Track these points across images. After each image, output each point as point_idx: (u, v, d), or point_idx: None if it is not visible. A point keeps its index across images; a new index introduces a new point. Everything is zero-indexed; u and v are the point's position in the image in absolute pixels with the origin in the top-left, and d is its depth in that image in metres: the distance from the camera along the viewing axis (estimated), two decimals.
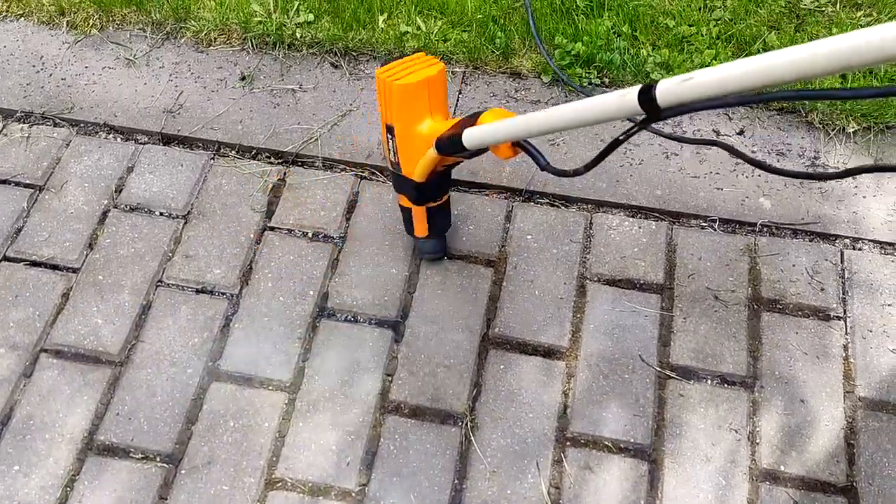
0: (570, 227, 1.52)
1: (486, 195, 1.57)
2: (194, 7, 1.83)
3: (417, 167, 1.26)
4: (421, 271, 1.47)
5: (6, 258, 1.49)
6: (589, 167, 0.96)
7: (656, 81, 0.76)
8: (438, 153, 1.18)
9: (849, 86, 1.64)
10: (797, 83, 1.52)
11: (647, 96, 0.77)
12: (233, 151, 1.64)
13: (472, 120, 1.10)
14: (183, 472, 1.27)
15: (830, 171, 1.55)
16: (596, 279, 1.46)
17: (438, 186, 1.36)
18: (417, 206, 1.37)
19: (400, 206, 1.42)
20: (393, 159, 1.31)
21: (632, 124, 0.88)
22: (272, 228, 1.53)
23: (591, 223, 1.53)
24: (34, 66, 1.77)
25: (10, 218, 1.53)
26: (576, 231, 1.51)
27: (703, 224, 1.53)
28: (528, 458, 1.28)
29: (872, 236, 1.49)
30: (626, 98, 0.80)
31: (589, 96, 1.62)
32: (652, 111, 0.77)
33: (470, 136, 1.08)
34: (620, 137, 0.88)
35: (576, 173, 0.99)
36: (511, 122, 1.02)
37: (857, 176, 1.56)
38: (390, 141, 1.28)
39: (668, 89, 0.75)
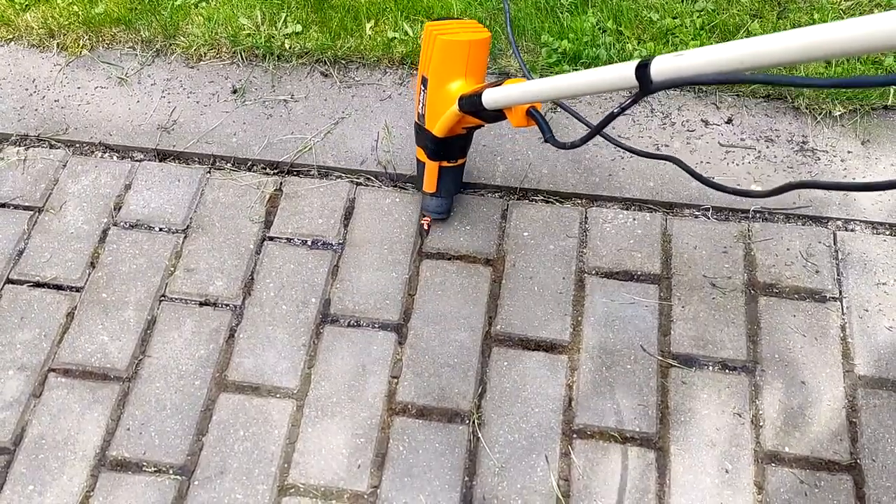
0: (566, 223, 1.54)
1: (481, 195, 1.59)
2: (183, 23, 1.84)
3: (439, 122, 1.33)
4: (421, 273, 1.49)
5: (9, 280, 1.50)
6: (585, 140, 1.02)
7: (653, 56, 0.81)
8: (460, 109, 1.24)
9: (833, 71, 1.67)
10: (784, 68, 1.54)
11: (643, 71, 0.81)
12: (228, 164, 1.66)
13: (495, 84, 1.17)
14: (196, 483, 1.29)
15: (766, 189, 1.57)
16: (594, 272, 1.48)
17: (454, 148, 1.42)
18: (431, 161, 1.43)
19: (416, 159, 1.49)
20: (420, 111, 1.38)
21: (616, 112, 0.92)
22: (271, 238, 1.54)
23: (586, 217, 1.55)
24: (27, 90, 1.79)
25: (12, 241, 1.55)
26: (571, 226, 1.53)
27: (697, 213, 1.55)
28: (536, 452, 1.30)
29: (863, 217, 1.52)
30: (625, 71, 0.85)
31: None
32: (644, 84, 0.82)
33: (488, 96, 1.16)
34: (615, 111, 0.93)
35: (572, 145, 1.07)
36: (524, 85, 1.10)
37: (845, 159, 1.58)
38: (422, 93, 1.35)
39: (661, 64, 0.80)
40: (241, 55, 1.81)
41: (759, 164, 1.59)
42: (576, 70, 1.71)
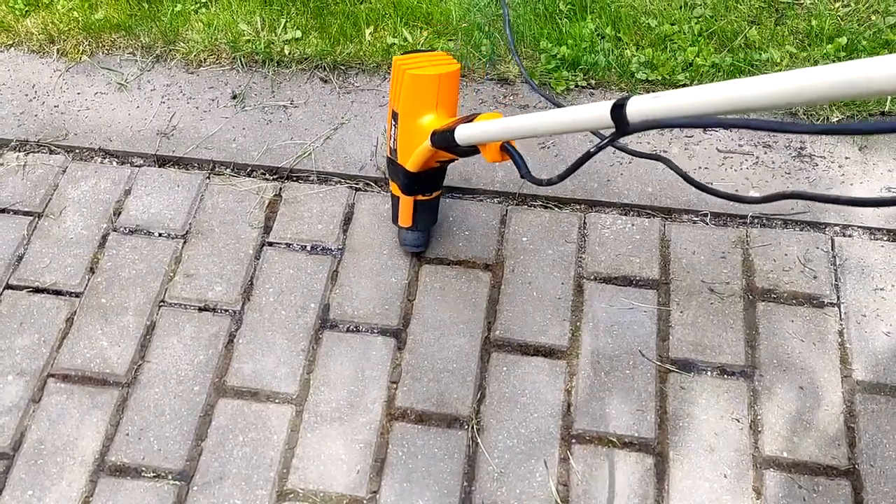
0: (565, 228, 1.54)
1: (480, 200, 1.59)
2: (182, 29, 1.85)
3: (412, 157, 1.31)
4: (420, 279, 1.49)
5: (9, 286, 1.51)
6: (562, 177, 1.00)
7: (629, 97, 0.79)
8: (432, 145, 1.22)
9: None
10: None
11: (618, 111, 0.79)
12: (228, 170, 1.66)
13: (468, 119, 1.15)
14: (195, 488, 1.29)
15: (758, 195, 1.57)
16: (592, 278, 1.48)
17: (429, 181, 1.40)
18: (406, 195, 1.41)
19: (390, 193, 1.47)
20: (392, 145, 1.36)
21: (601, 138, 0.91)
22: (270, 244, 1.54)
23: (584, 223, 1.55)
24: (27, 95, 1.79)
25: (11, 246, 1.55)
26: (570, 231, 1.54)
27: (695, 218, 1.55)
28: (534, 458, 1.30)
29: (861, 223, 1.52)
30: (600, 111, 0.83)
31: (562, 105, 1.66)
32: (620, 125, 0.80)
33: (461, 132, 1.14)
34: (592, 150, 0.91)
35: (549, 183, 1.04)
36: (498, 122, 1.07)
37: (843, 165, 1.59)
38: (393, 127, 1.33)
39: (638, 106, 0.77)
40: (241, 61, 1.81)
41: (757, 170, 1.59)
42: (574, 76, 1.73)
